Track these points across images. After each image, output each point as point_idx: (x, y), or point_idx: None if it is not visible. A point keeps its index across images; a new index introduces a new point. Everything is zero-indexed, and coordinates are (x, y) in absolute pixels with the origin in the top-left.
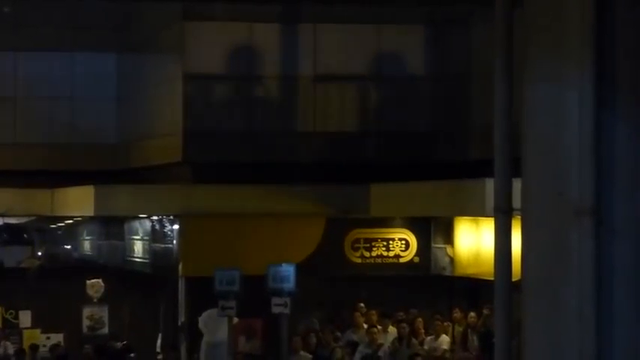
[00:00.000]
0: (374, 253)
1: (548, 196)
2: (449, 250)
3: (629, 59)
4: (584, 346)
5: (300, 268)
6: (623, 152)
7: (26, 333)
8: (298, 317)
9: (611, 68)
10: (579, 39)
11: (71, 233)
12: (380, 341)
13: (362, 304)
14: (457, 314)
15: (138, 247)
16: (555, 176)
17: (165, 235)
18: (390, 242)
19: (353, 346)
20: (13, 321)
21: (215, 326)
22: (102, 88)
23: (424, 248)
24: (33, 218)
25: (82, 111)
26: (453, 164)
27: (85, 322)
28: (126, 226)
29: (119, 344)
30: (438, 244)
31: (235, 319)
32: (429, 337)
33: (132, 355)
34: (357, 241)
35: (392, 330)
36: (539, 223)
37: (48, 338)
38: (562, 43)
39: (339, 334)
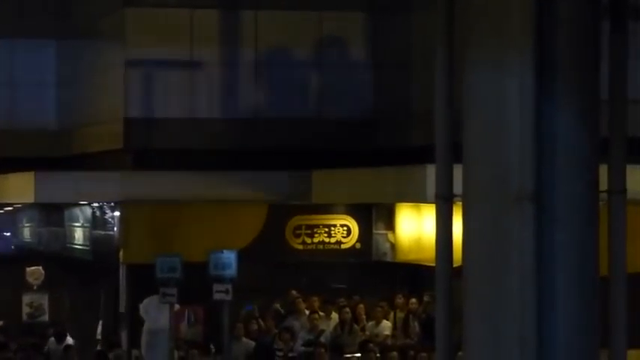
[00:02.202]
0: (315, 240)
1: (489, 183)
2: (390, 236)
3: (570, 47)
4: (524, 331)
5: (241, 255)
6: (563, 139)
7: None
8: (240, 304)
9: (551, 56)
10: (520, 27)
11: (10, 220)
12: (322, 327)
13: (294, 292)
14: (400, 300)
15: (78, 234)
16: (496, 163)
17: (105, 221)
18: (332, 228)
19: (290, 331)
20: None
21: (156, 313)
22: (42, 74)
23: (366, 234)
24: None
25: (22, 98)
26: (394, 151)
27: (25, 310)
28: (66, 212)
29: (51, 330)
30: (379, 231)
31: (177, 306)
32: (370, 323)
33: (70, 341)
34: (299, 227)
35: (334, 316)
36: (481, 209)
37: None
38: (503, 31)
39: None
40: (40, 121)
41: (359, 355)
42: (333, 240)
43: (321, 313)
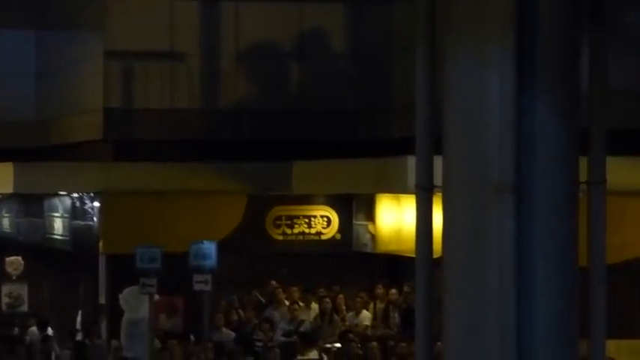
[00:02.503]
0: (296, 230)
1: (469, 174)
2: (370, 227)
3: (550, 40)
4: (504, 323)
5: (221, 246)
6: (542, 132)
7: None
8: (220, 294)
9: (531, 49)
10: (500, 19)
11: None
12: (302, 318)
13: (274, 282)
14: (380, 290)
15: (58, 225)
16: (476, 154)
17: (85, 212)
18: (312, 219)
19: (270, 322)
20: None
21: (136, 304)
22: (21, 65)
23: (346, 225)
24: None
25: (1, 88)
26: (375, 142)
27: (4, 300)
28: (45, 203)
29: (32, 320)
30: (359, 221)
31: (156, 297)
32: (350, 314)
33: (50, 332)
34: (279, 218)
35: (314, 307)
36: (460, 200)
37: None
38: (483, 23)
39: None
40: (20, 111)
41: (339, 345)
42: (313, 231)
43: (301, 304)
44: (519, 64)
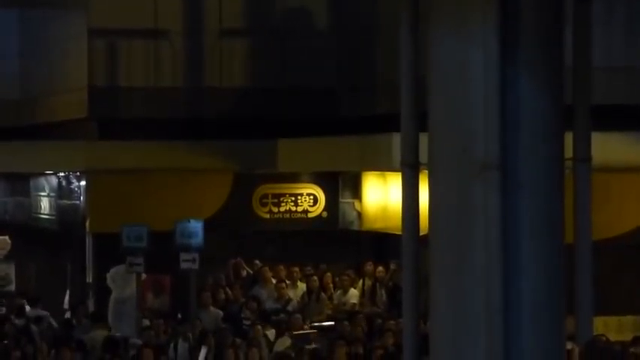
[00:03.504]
0: (282, 209)
1: (455, 151)
2: (357, 204)
3: (534, 15)
4: (490, 299)
5: (208, 224)
6: (527, 107)
7: None
8: (206, 273)
9: (515, 24)
10: None
11: None
12: (289, 296)
13: (257, 261)
14: (370, 267)
15: (44, 204)
16: (461, 131)
17: (71, 191)
18: (299, 197)
19: (257, 300)
20: None
21: (123, 282)
22: (5, 44)
23: (332, 203)
24: None
25: None
26: (359, 119)
27: None
28: (32, 182)
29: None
30: (345, 199)
31: (143, 275)
32: (337, 292)
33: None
34: (265, 196)
35: (301, 285)
36: (446, 177)
37: None
38: None
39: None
40: (4, 90)
41: (330, 323)
42: (299, 209)
43: (288, 282)
44: (503, 39)
